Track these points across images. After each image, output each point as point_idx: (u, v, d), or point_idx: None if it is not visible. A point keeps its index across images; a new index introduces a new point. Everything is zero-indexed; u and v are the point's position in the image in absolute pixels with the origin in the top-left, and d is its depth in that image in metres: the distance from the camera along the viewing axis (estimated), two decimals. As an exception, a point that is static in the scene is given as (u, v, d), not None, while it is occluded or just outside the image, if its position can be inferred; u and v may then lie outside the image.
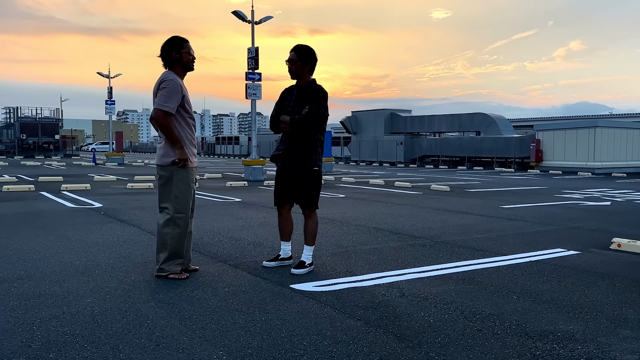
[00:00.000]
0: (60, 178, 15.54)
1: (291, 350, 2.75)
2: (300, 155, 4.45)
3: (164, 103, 4.16)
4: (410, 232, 6.75)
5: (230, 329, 3.06)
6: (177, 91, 4.24)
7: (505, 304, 3.66)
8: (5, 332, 2.94)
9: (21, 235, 6.10)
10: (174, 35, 4.43)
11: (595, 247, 5.89)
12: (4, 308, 3.37)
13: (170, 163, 4.27)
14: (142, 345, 2.79)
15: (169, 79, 4.27)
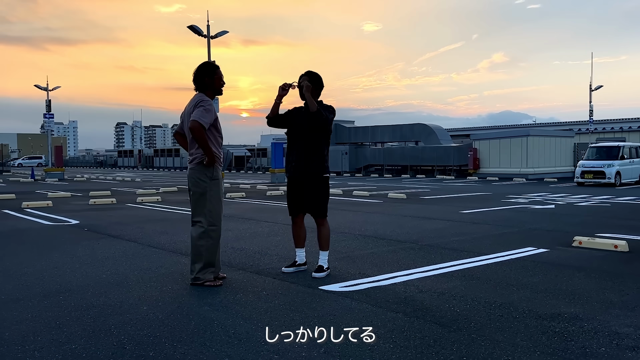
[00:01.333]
0: (12, 196, 15.02)
1: (358, 337, 3.18)
2: (313, 164, 4.88)
3: (201, 117, 4.48)
4: (394, 237, 7.31)
5: (292, 324, 3.45)
6: (212, 112, 4.60)
7: (510, 295, 4.26)
8: (91, 337, 3.20)
9: (25, 253, 6.14)
10: (207, 62, 4.79)
11: (559, 245, 6.67)
12: (70, 318, 3.59)
13: (207, 176, 4.59)
14: (225, 340, 3.14)
15: (207, 100, 4.62)
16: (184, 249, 6.43)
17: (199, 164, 4.63)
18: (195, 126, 4.46)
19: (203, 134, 4.51)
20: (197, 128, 4.46)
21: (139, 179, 29.62)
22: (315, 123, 4.83)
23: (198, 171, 4.65)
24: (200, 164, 4.63)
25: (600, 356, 2.93)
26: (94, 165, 72.75)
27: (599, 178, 19.99)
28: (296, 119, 4.98)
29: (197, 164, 4.64)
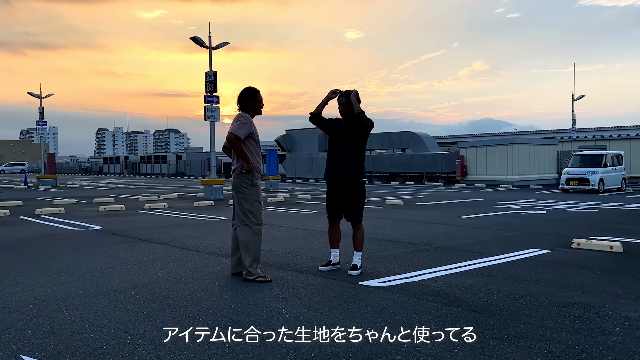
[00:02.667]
0: (20, 202, 15.30)
1: (408, 323, 3.73)
2: (352, 170, 5.44)
3: (237, 130, 5.12)
4: (407, 241, 7.89)
5: (352, 310, 4.00)
6: (248, 125, 5.19)
7: (529, 288, 4.86)
8: (183, 323, 3.70)
9: (72, 255, 6.58)
10: (249, 87, 5.38)
11: (560, 246, 7.31)
12: (153, 308, 4.09)
13: (248, 183, 5.15)
14: (298, 325, 3.66)
15: (245, 115, 5.22)
16: (218, 250, 6.93)
17: (240, 174, 5.20)
18: (231, 137, 5.10)
19: (239, 144, 5.11)
20: (232, 139, 5.09)
21: (132, 185, 29.83)
22: (357, 126, 5.41)
23: (239, 179, 5.22)
24: (241, 174, 5.19)
25: (617, 334, 3.53)
26: (78, 172, 72.28)
27: (583, 185, 20.85)
28: (336, 129, 5.55)
29: (238, 174, 5.21)
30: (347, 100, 5.52)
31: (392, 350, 3.20)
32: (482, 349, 3.23)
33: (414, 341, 3.35)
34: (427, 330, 3.48)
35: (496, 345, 3.31)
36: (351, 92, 5.49)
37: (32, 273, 5.52)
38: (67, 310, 4.07)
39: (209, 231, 9.09)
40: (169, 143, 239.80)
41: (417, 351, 3.20)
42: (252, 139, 5.28)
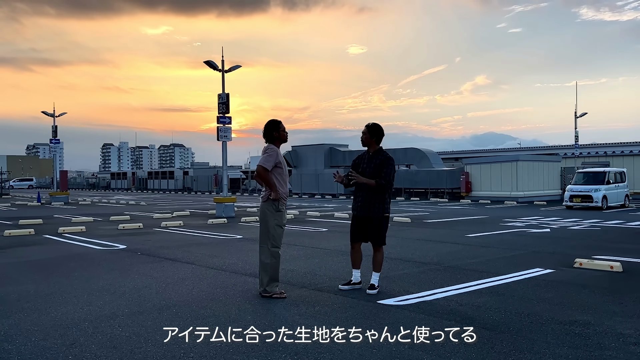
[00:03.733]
0: (40, 221, 15.84)
1: (434, 342, 4.19)
2: (375, 206, 5.93)
3: (264, 162, 5.68)
4: (418, 260, 8.35)
5: (376, 328, 4.46)
6: (274, 156, 5.74)
7: (533, 307, 5.31)
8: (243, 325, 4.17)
9: (107, 275, 7.08)
10: (272, 120, 5.94)
11: (562, 266, 7.76)
12: (197, 325, 4.56)
13: (275, 208, 5.68)
14: (337, 337, 4.13)
15: (271, 148, 5.77)
16: (241, 270, 7.41)
17: (267, 201, 5.72)
18: (259, 170, 5.69)
19: (266, 174, 5.69)
20: (260, 171, 5.69)
21: (142, 202, 30.36)
22: (377, 161, 5.92)
23: (266, 205, 5.76)
24: (268, 200, 5.72)
25: (612, 349, 3.98)
26: (86, 187, 72.98)
27: (586, 202, 21.27)
28: (361, 165, 6.07)
29: (265, 200, 5.74)
30: (366, 130, 6.06)
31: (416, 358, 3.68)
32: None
33: (436, 355, 3.82)
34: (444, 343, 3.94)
35: (505, 358, 3.77)
36: (372, 127, 6.05)
37: (76, 292, 6.00)
38: (119, 327, 4.55)
39: (229, 250, 9.56)
40: (174, 158, 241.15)
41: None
42: (279, 167, 5.82)
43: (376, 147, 6.10)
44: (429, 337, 4.22)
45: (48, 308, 5.26)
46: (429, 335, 4.26)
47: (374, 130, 6.07)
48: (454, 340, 4.14)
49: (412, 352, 3.89)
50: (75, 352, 3.91)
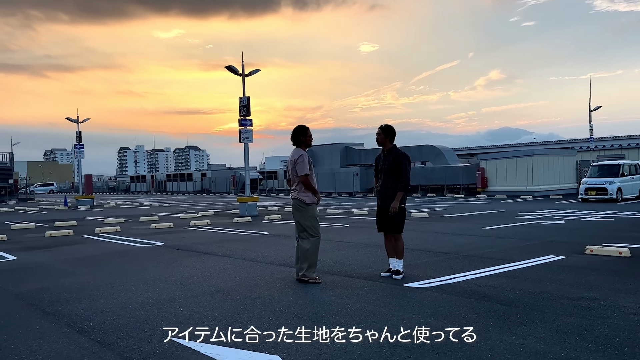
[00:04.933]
0: (74, 222, 16.68)
1: (450, 313, 4.79)
2: (390, 196, 6.55)
3: (303, 170, 6.28)
4: (437, 250, 8.92)
5: (404, 305, 5.06)
6: (306, 161, 6.39)
7: (545, 287, 5.87)
8: (276, 314, 4.81)
9: (154, 268, 7.77)
10: (301, 125, 6.59)
11: (574, 253, 8.28)
12: (246, 305, 5.20)
13: (306, 203, 6.31)
14: (368, 315, 4.74)
15: (301, 154, 6.40)
16: (275, 261, 8.06)
17: (299, 194, 6.35)
18: (303, 180, 6.34)
19: (309, 182, 6.35)
20: (304, 180, 6.33)
21: (165, 204, 31.23)
22: (391, 159, 6.56)
23: (299, 200, 6.37)
24: (302, 193, 6.35)
25: (613, 318, 4.55)
26: (106, 190, 74.40)
27: (601, 194, 21.61)
28: (379, 163, 6.72)
29: (297, 195, 6.36)
30: (381, 131, 6.71)
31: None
32: (508, 328, 4.28)
33: (457, 324, 4.42)
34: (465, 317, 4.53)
35: (519, 326, 4.36)
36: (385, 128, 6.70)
37: (131, 282, 6.69)
38: (180, 307, 5.22)
39: (259, 245, 10.22)
40: (189, 160, 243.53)
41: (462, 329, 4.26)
42: (310, 169, 6.46)
43: (390, 146, 6.73)
44: (452, 309, 4.82)
45: (112, 295, 5.95)
46: (452, 308, 4.85)
47: (387, 130, 6.74)
48: (474, 311, 4.74)
49: (437, 322, 4.49)
50: (148, 327, 4.58)
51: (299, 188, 6.43)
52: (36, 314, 5.16)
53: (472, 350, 3.76)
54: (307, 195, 6.37)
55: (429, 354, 3.74)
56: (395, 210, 6.47)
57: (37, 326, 4.72)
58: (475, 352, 3.73)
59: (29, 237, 13.02)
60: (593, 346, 3.85)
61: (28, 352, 4.00)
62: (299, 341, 4.01)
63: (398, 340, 3.99)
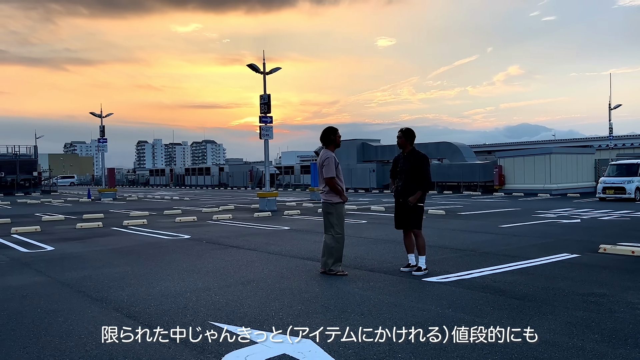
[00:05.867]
0: (101, 215, 17.30)
1: (467, 305, 5.15)
2: (410, 193, 6.90)
3: (330, 173, 6.69)
4: (454, 247, 9.26)
5: (423, 297, 5.44)
6: (333, 162, 6.76)
7: (557, 283, 6.19)
8: (306, 303, 5.22)
9: (186, 259, 8.24)
10: (330, 127, 6.97)
11: (588, 251, 8.56)
12: (277, 295, 5.61)
13: (334, 202, 6.70)
14: (390, 306, 5.13)
15: (328, 157, 6.77)
16: (298, 254, 8.47)
17: (327, 196, 6.75)
18: (329, 182, 6.73)
19: (334, 184, 6.74)
20: (330, 182, 6.72)
21: (186, 197, 31.88)
22: (410, 160, 6.92)
23: (327, 201, 6.77)
24: (329, 194, 6.74)
25: (620, 312, 4.87)
26: (126, 183, 75.65)
27: (619, 194, 21.67)
28: (398, 164, 7.08)
29: (325, 195, 6.76)
30: (401, 134, 7.06)
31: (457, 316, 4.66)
32: (521, 321, 4.64)
33: (473, 315, 4.79)
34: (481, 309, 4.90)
35: (531, 318, 4.71)
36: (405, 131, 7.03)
37: (166, 272, 7.16)
38: (216, 295, 5.66)
39: (282, 239, 10.65)
40: (206, 154, 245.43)
41: (475, 321, 4.63)
42: (337, 170, 6.85)
43: (410, 148, 7.08)
44: (468, 302, 5.19)
45: (150, 284, 6.41)
46: (469, 301, 5.22)
47: (408, 134, 7.09)
48: (491, 308, 5.10)
49: (455, 314, 4.85)
50: (189, 312, 5.02)
51: (326, 190, 6.82)
52: (85, 300, 5.64)
53: (487, 339, 4.13)
54: (334, 196, 6.75)
55: (447, 343, 4.11)
56: (412, 203, 6.80)
57: (89, 310, 5.19)
58: (489, 341, 4.10)
59: (61, 229, 13.61)
60: (599, 337, 4.19)
61: (86, 333, 4.46)
62: (328, 328, 4.40)
63: (417, 330, 4.37)
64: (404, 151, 7.15)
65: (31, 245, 10.35)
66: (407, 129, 7.16)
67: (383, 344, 4.07)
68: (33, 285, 6.49)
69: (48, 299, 5.73)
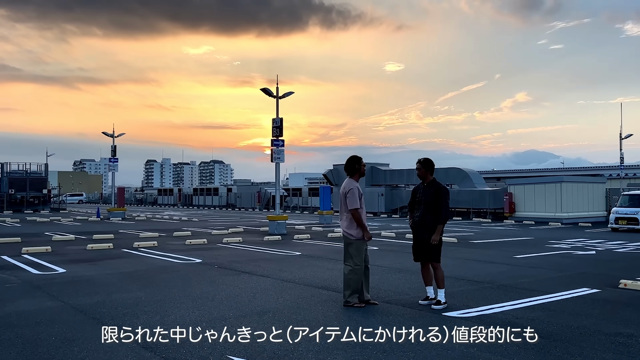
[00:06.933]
0: (111, 236, 17.26)
1: (498, 347, 5.01)
2: (429, 227, 6.79)
3: (354, 204, 6.61)
4: (471, 278, 9.09)
5: (442, 331, 5.30)
6: (356, 193, 6.71)
7: (582, 321, 6.03)
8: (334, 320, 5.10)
9: (200, 285, 8.14)
10: (355, 156, 6.92)
11: (608, 286, 8.38)
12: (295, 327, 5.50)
13: (354, 237, 6.60)
14: (418, 341, 4.99)
15: (351, 187, 6.70)
16: (313, 283, 8.35)
17: (348, 229, 6.64)
18: (354, 213, 6.64)
19: (359, 215, 6.66)
20: (354, 213, 6.63)
21: (195, 218, 31.84)
22: (430, 191, 6.82)
23: (348, 233, 6.68)
24: (350, 227, 6.64)
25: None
26: (134, 202, 75.76)
27: (632, 224, 21.41)
28: (417, 195, 6.99)
29: (346, 228, 6.66)
30: (420, 165, 6.98)
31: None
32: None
33: (500, 355, 4.64)
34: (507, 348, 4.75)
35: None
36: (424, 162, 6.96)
37: (181, 299, 7.05)
38: (232, 326, 5.53)
39: (294, 265, 10.53)
40: (214, 174, 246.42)
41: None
42: (360, 199, 6.78)
43: (430, 179, 6.99)
44: (493, 341, 5.04)
45: (165, 311, 6.31)
46: (493, 340, 5.08)
47: (427, 164, 7.00)
48: (515, 340, 4.96)
49: (479, 352, 4.71)
50: (206, 345, 4.90)
51: (347, 222, 6.71)
52: (100, 328, 5.53)
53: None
54: (355, 230, 6.64)
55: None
56: (436, 242, 6.71)
57: (104, 340, 5.08)
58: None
59: (72, 249, 13.56)
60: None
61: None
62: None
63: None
64: (423, 182, 7.06)
65: (42, 267, 10.28)
66: (426, 159, 7.08)
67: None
68: (46, 311, 6.40)
69: (62, 326, 5.64)
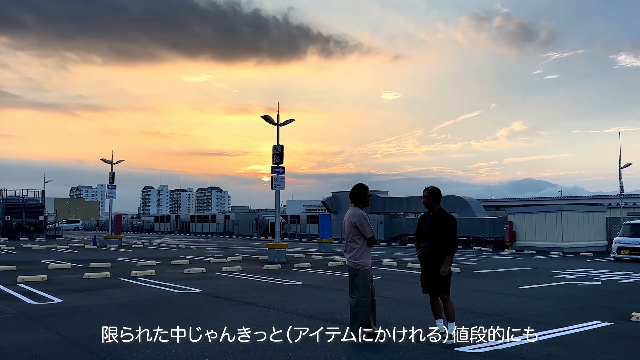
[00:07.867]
0: (108, 264, 16.96)
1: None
2: (437, 258, 6.60)
3: (369, 232, 6.48)
4: (479, 311, 8.86)
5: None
6: (368, 221, 6.56)
7: (599, 356, 5.81)
8: None
9: (200, 316, 7.88)
10: (361, 184, 6.77)
11: (619, 319, 8.15)
12: (320, 358, 5.26)
13: (361, 267, 6.41)
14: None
15: (359, 215, 6.55)
16: (316, 314, 8.11)
17: (355, 259, 6.46)
18: (372, 240, 6.54)
19: (374, 241, 6.59)
20: (372, 240, 6.54)
21: (192, 246, 31.46)
22: (437, 221, 6.66)
23: (353, 262, 6.49)
24: (357, 257, 6.46)
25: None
26: (130, 229, 75.21)
27: (635, 254, 21.21)
28: (424, 224, 6.83)
29: (353, 261, 6.48)
30: (428, 194, 6.84)
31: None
32: (572, 403, 4.27)
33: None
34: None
35: (583, 401, 4.34)
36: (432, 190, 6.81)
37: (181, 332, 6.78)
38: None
39: (296, 296, 10.28)
40: (211, 201, 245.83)
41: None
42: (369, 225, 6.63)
43: (436, 207, 6.84)
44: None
45: (165, 345, 6.06)
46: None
47: (434, 193, 6.85)
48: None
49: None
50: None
51: (355, 251, 6.52)
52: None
53: None
54: (363, 259, 6.47)
55: None
56: (445, 274, 6.52)
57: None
58: None
59: (68, 278, 13.27)
60: None
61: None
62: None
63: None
64: (430, 210, 6.90)
65: (38, 297, 10.01)
66: (434, 187, 6.93)
67: None
68: (43, 344, 6.15)
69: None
